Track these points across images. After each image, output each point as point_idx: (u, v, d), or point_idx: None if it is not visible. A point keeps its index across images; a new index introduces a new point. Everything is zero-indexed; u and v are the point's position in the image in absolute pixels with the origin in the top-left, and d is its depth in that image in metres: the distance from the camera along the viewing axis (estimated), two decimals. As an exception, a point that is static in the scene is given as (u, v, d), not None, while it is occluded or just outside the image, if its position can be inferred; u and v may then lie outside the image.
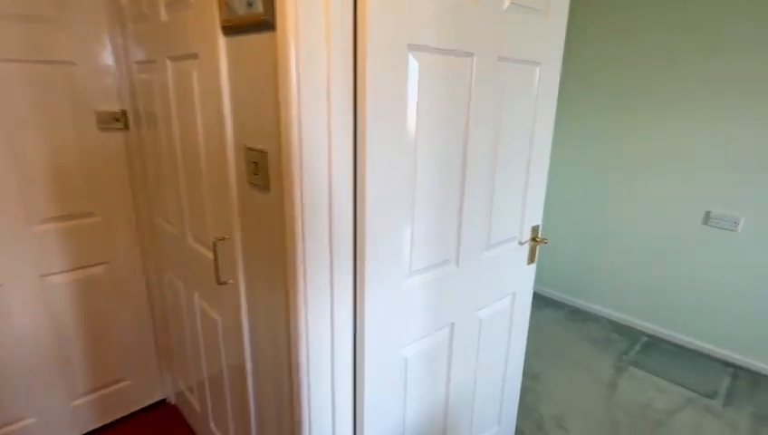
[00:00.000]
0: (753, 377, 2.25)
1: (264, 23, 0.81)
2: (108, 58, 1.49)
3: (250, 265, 1.08)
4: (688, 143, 2.33)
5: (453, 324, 1.26)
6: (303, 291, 0.92)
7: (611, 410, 2.01)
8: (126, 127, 1.57)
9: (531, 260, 1.48)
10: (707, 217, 2.33)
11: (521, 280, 1.48)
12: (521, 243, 1.42)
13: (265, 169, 0.92)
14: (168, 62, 1.24)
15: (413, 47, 0.92)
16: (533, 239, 1.46)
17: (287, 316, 0.96)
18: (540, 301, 3.04)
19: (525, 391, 2.11)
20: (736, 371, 2.31)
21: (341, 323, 1.01)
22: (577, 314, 2.87)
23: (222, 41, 0.97)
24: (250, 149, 0.96)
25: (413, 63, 0.94)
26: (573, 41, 2.61)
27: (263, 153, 0.92)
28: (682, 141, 2.35)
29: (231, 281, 1.15)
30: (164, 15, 1.21)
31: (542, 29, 1.21)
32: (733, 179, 2.22)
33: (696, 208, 2.36)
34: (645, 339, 2.60)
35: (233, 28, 0.93)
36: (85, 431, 1.74)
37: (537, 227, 1.46)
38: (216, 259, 1.15)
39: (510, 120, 1.22)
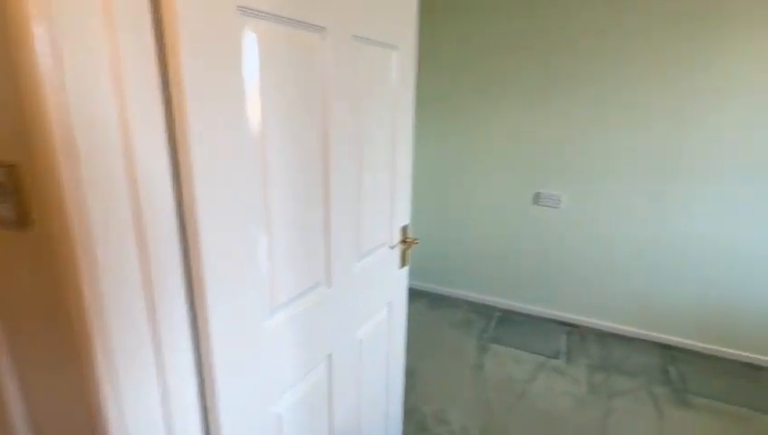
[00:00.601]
0: (582, 332, 2.63)
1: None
2: None
3: (15, 340, 0.70)
4: (521, 134, 2.56)
5: (330, 356, 1.06)
6: (106, 360, 0.61)
7: (484, 391, 2.09)
8: None
9: (403, 263, 1.38)
10: (537, 197, 2.61)
11: (395, 286, 1.36)
12: (392, 247, 1.29)
13: (18, 192, 0.57)
14: None
15: (246, 11, 0.68)
16: (404, 241, 1.35)
17: (87, 400, 0.63)
18: (404, 293, 3.06)
19: (405, 392, 2.05)
20: (570, 329, 2.66)
21: (179, 390, 0.72)
22: (440, 301, 2.97)
23: None
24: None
25: (250, 36, 0.70)
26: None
27: (10, 168, 0.57)
28: (515, 132, 2.57)
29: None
30: None
31: (393, 5, 1.08)
32: (555, 164, 2.52)
33: (528, 191, 2.63)
34: (498, 314, 2.82)
35: None
36: None
37: (406, 226, 1.36)
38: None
39: (372, 112, 1.06)
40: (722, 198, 2.21)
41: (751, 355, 2.34)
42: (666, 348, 2.47)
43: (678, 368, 2.29)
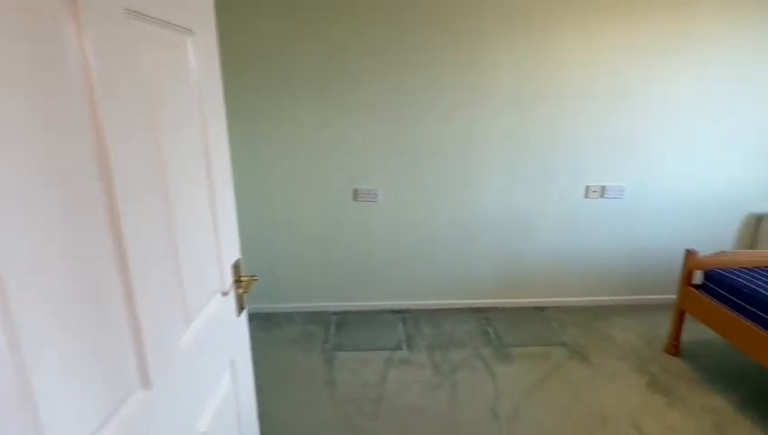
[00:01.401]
0: (416, 316, 2.76)
1: None
2: None
3: None
4: (331, 132, 2.46)
5: (167, 481, 0.73)
6: None
7: (342, 407, 1.95)
8: None
9: (240, 307, 1.09)
10: (356, 194, 2.58)
11: (236, 340, 1.07)
12: (225, 293, 1.00)
13: None
14: None
15: None
16: (238, 280, 1.06)
17: None
18: (228, 322, 2.65)
19: (255, 444, 1.74)
20: (404, 315, 2.76)
21: None
22: (271, 320, 2.68)
23: None
24: None
25: None
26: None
27: None
28: (327, 130, 2.45)
29: None
30: None
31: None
32: (368, 159, 2.52)
33: (346, 188, 2.57)
34: (335, 318, 2.72)
35: None
36: None
37: (238, 262, 1.07)
38: None
39: (170, 119, 0.75)
40: (504, 178, 2.60)
41: (535, 300, 2.88)
42: (480, 311, 2.81)
43: (493, 327, 2.64)
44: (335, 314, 2.77)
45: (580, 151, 2.57)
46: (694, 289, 2.22)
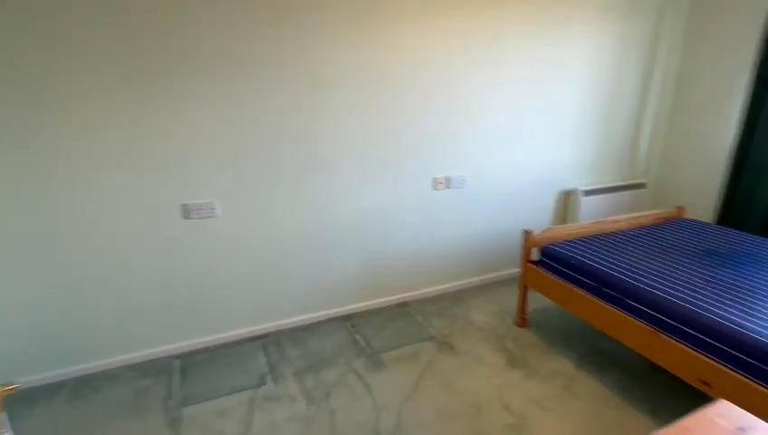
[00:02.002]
0: (277, 339, 2.45)
1: None
2: None
3: None
4: (143, 134, 1.94)
5: None
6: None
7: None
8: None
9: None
10: (186, 211, 2.12)
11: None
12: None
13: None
14: None
15: None
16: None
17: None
18: (22, 404, 1.93)
19: None
20: (264, 341, 2.43)
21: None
22: (89, 384, 2.06)
23: None
24: None
25: None
26: None
27: None
28: (133, 133, 1.92)
29: None
30: None
31: None
32: (199, 169, 2.08)
33: (172, 204, 2.10)
34: (178, 364, 2.23)
35: None
36: None
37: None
38: None
39: None
40: (352, 179, 2.45)
41: (399, 296, 2.86)
42: (347, 318, 2.66)
43: (362, 333, 2.51)
44: (178, 357, 2.28)
45: (424, 145, 2.58)
46: (532, 265, 2.44)
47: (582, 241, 2.46)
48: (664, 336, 1.76)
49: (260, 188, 2.24)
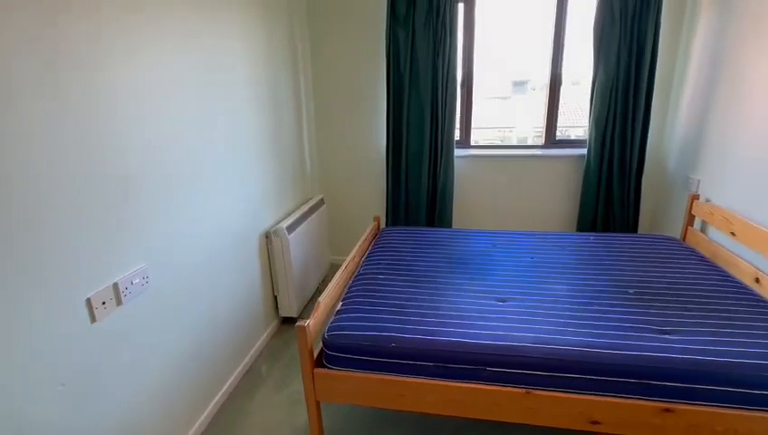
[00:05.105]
0: None
1: None
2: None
3: None
4: None
5: None
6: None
7: None
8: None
9: None
10: None
11: None
12: None
13: None
14: None
15: None
16: None
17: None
18: None
19: None
20: None
21: None
22: None
23: None
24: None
25: None
26: None
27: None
28: None
29: None
30: None
31: None
32: None
33: None
34: None
35: None
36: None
37: None
38: None
39: None
40: None
41: None
42: None
43: None
44: None
45: (55, 247, 1.09)
46: (322, 370, 1.58)
47: (354, 300, 1.81)
48: (539, 392, 1.44)
49: None
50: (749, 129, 2.06)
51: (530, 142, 3.55)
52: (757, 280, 1.90)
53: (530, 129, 5.92)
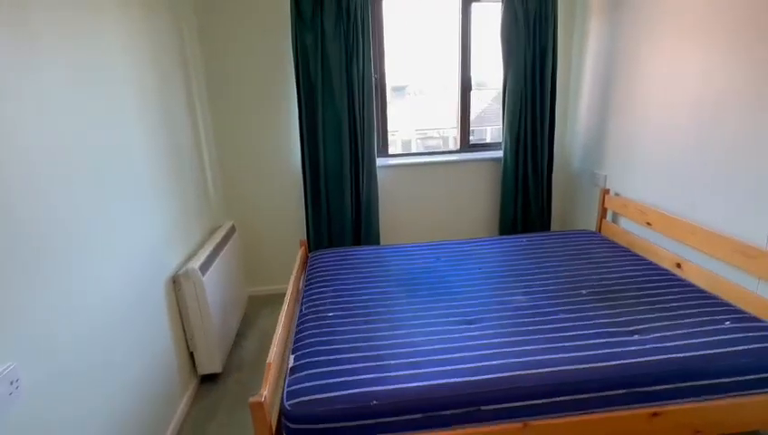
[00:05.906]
0: None
1: None
2: None
3: None
4: None
5: None
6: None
7: None
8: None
9: None
10: None
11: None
12: None
13: None
14: None
15: None
16: None
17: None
18: None
19: None
20: None
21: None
22: None
23: None
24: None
25: None
26: None
27: None
28: None
29: None
30: None
31: None
32: None
33: None
34: None
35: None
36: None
37: None
38: None
39: None
40: None
41: None
42: None
43: None
44: None
45: None
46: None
47: (308, 351, 1.51)
48: (536, 422, 1.32)
49: None
50: (648, 124, 2.25)
51: (413, 146, 3.54)
52: (678, 265, 2.07)
53: (412, 131, 6.08)
